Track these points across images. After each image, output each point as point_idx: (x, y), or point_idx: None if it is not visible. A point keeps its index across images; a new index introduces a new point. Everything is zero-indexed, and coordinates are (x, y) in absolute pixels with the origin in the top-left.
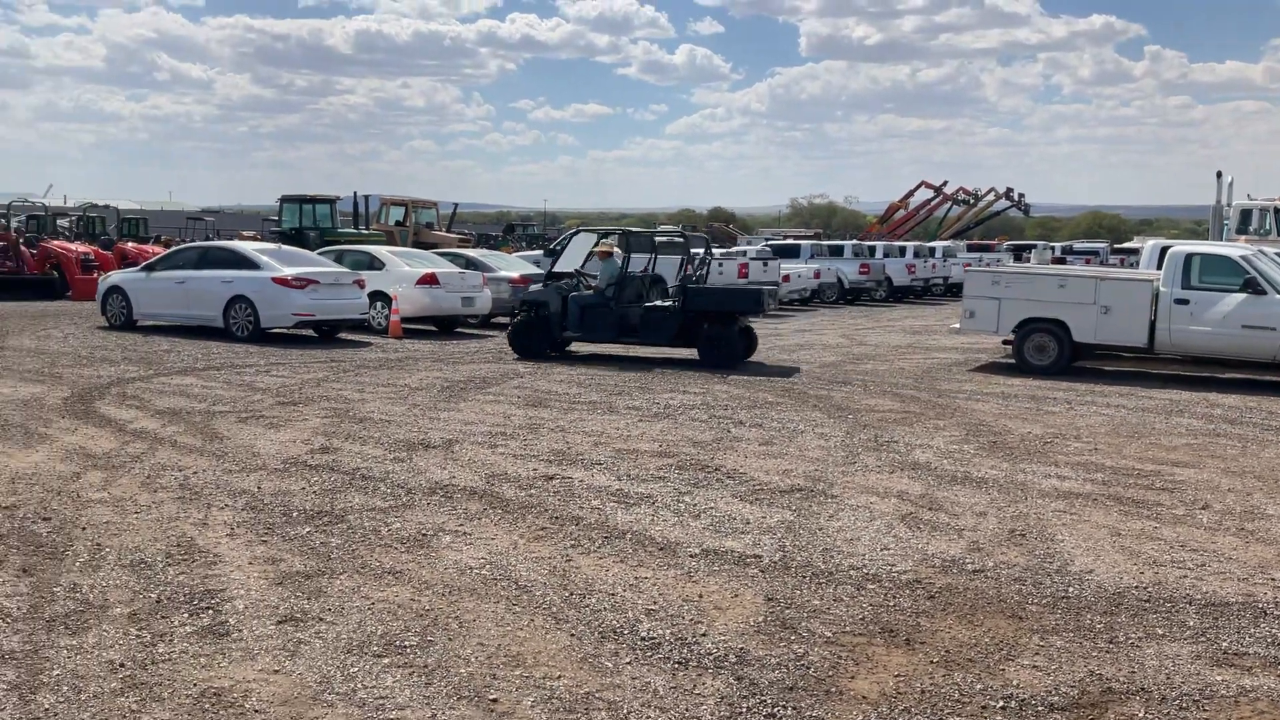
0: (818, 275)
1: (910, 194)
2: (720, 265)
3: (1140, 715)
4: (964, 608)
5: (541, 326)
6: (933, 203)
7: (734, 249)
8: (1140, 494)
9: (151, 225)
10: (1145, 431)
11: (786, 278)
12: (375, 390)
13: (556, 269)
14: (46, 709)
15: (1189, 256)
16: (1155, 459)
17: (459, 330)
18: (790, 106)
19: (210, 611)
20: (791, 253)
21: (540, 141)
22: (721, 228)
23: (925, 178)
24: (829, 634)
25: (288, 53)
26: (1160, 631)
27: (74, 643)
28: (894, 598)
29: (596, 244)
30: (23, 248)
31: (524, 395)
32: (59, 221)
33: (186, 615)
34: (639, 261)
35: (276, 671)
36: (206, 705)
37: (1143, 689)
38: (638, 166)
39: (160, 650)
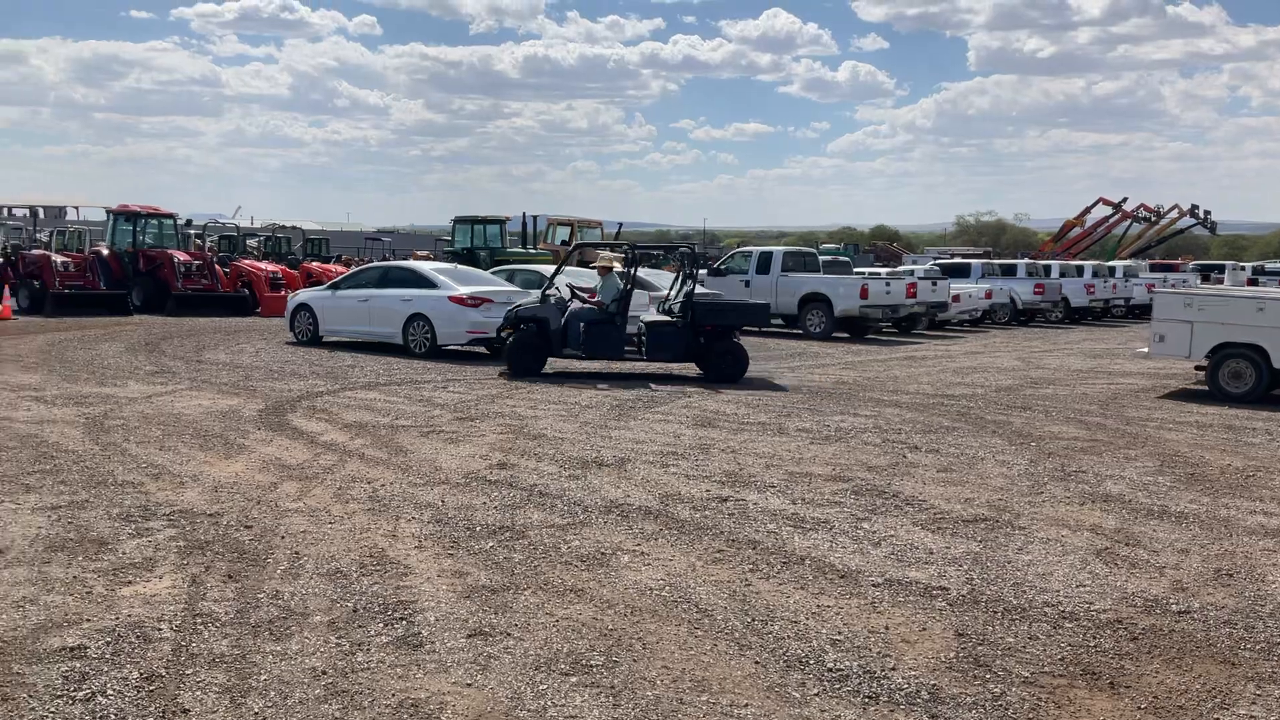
0: (989, 295)
1: (1087, 211)
2: (888, 285)
3: None
4: (1171, 651)
5: (540, 343)
6: (1111, 220)
7: (900, 268)
8: None
9: (332, 245)
10: None
11: (956, 298)
12: (547, 407)
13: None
14: (256, 713)
15: None
16: None
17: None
18: (957, 122)
19: (404, 622)
20: (961, 272)
21: (700, 160)
22: (886, 246)
23: (1101, 194)
24: (1026, 674)
25: (459, 78)
26: None
27: (279, 649)
28: (1094, 638)
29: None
30: (216, 266)
31: (692, 415)
32: (248, 241)
33: (381, 625)
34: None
35: (469, 685)
36: (405, 716)
37: None
38: (798, 184)
39: (359, 659)
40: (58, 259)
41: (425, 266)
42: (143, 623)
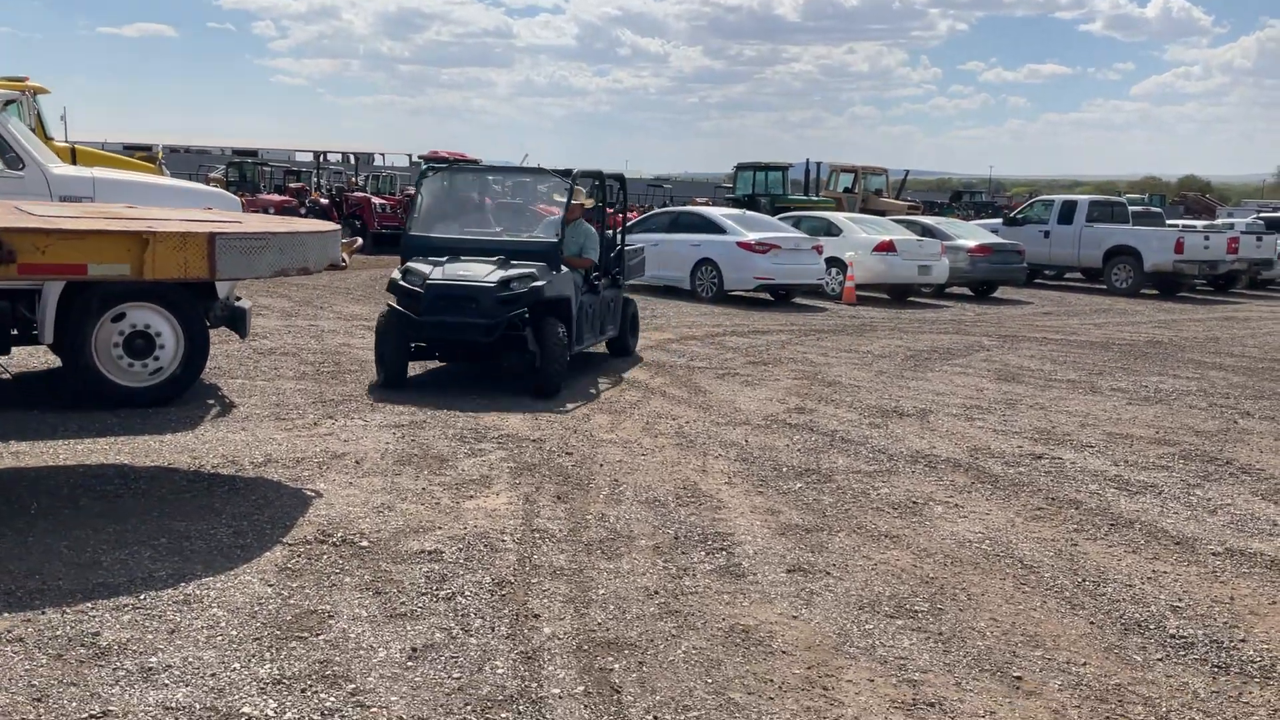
0: None
1: None
2: (1207, 238)
3: None
4: None
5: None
6: None
7: (1217, 221)
8: None
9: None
10: None
11: None
12: (838, 355)
13: None
14: (599, 623)
15: None
16: None
17: (911, 299)
18: None
19: (724, 553)
20: None
21: (988, 105)
22: (1199, 197)
23: None
24: None
25: (739, 24)
26: None
27: (611, 566)
28: None
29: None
30: None
31: (993, 369)
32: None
33: (703, 554)
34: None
35: (795, 618)
36: (737, 640)
37: None
38: (1096, 130)
39: (686, 583)
40: (376, 201)
41: (714, 211)
42: (487, 534)
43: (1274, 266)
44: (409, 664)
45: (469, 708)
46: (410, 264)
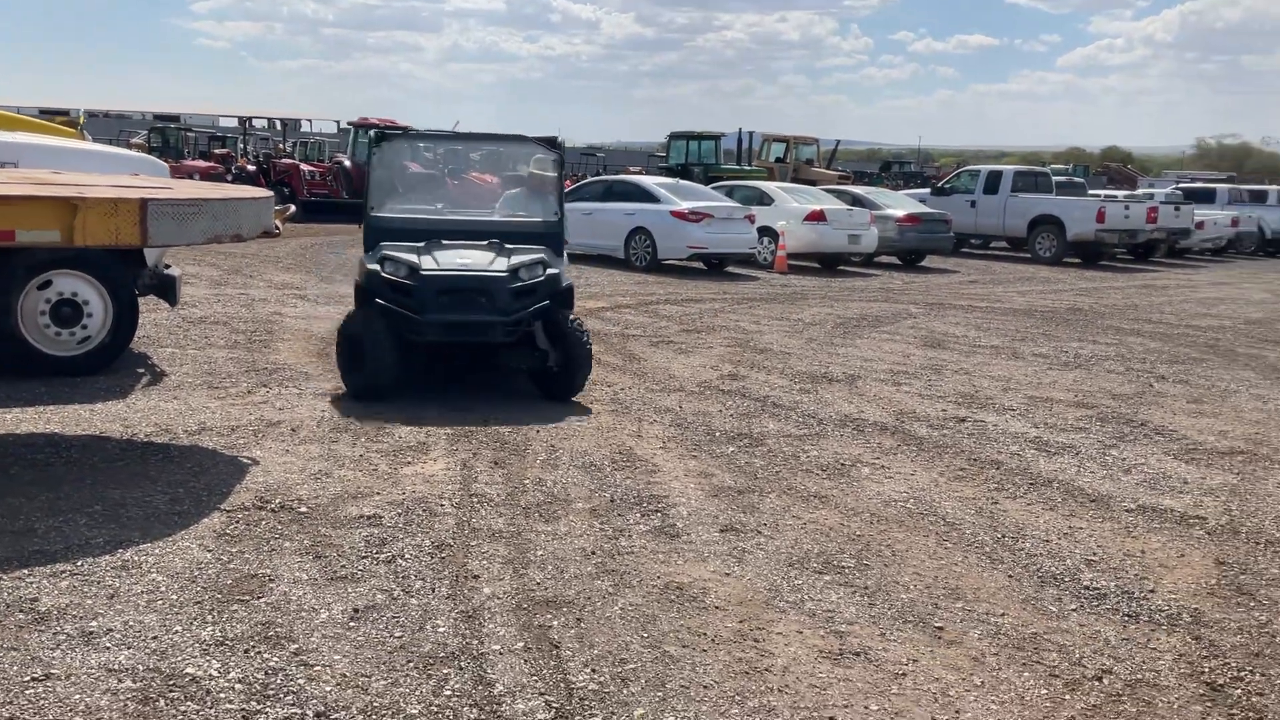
0: (1235, 223)
1: None
2: (1127, 208)
3: None
4: None
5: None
6: None
7: (1138, 192)
8: None
9: None
10: None
11: (1200, 225)
12: (770, 323)
13: None
14: (538, 583)
15: None
16: None
17: (841, 268)
18: (1203, 36)
19: (659, 514)
20: (1205, 197)
21: (918, 75)
22: (1120, 168)
23: None
24: None
25: None
26: None
27: (549, 529)
28: None
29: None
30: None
31: (920, 335)
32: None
33: (639, 515)
34: None
35: (727, 575)
36: (672, 596)
37: None
38: (1023, 101)
39: (622, 544)
40: (305, 168)
41: (648, 181)
42: (426, 499)
43: (1191, 236)
44: (351, 624)
45: (411, 665)
46: (388, 251)
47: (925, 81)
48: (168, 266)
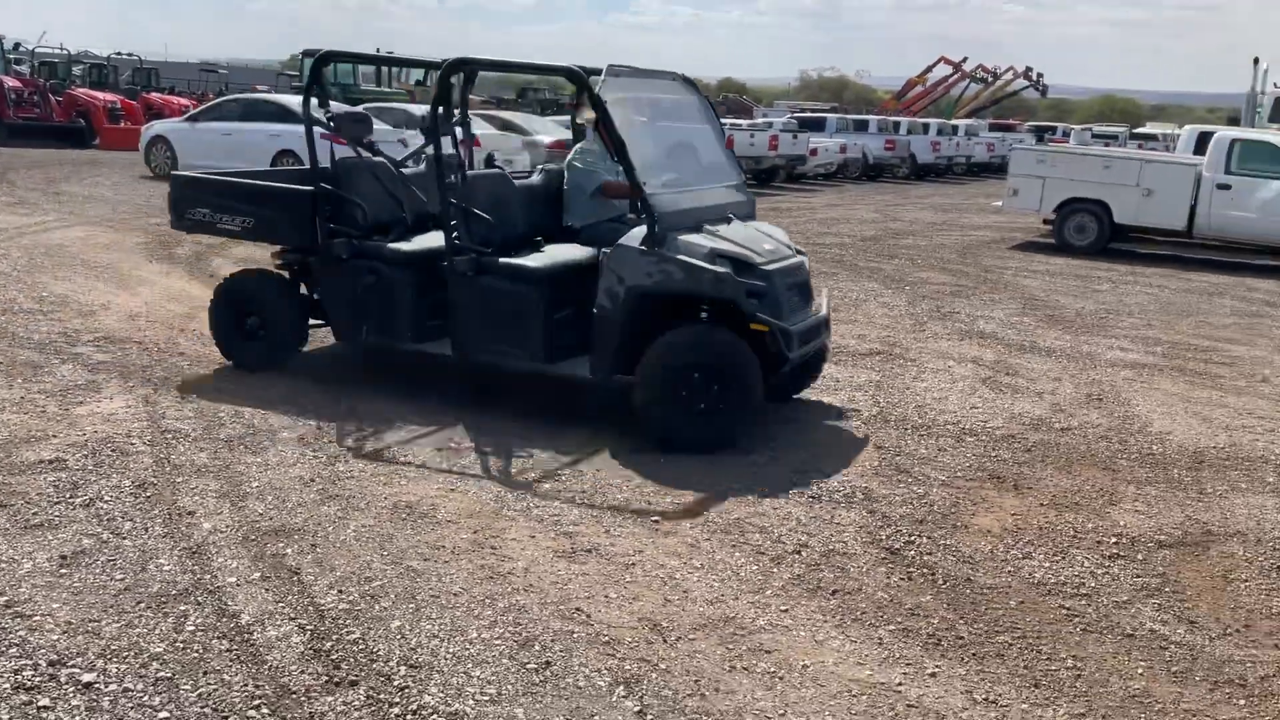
0: (844, 150)
1: (929, 70)
2: (751, 136)
3: (1240, 554)
4: (1060, 460)
5: None
6: (950, 80)
7: (757, 120)
8: (1201, 366)
9: (162, 77)
10: (1193, 310)
11: (814, 151)
12: None
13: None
14: (261, 514)
15: (1233, 142)
16: (1208, 335)
17: None
18: None
19: (373, 438)
20: (817, 126)
21: (542, 4)
22: (738, 99)
23: (943, 54)
24: (943, 478)
25: None
26: (1244, 485)
27: (259, 460)
28: (993, 449)
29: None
30: (50, 95)
31: None
32: (74, 69)
33: (352, 442)
34: None
35: (453, 490)
36: (404, 514)
37: (1239, 532)
38: (652, 34)
39: (341, 469)
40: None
41: (294, 100)
42: (112, 438)
43: (807, 162)
44: (62, 572)
45: (142, 605)
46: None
47: (548, 10)
48: None
